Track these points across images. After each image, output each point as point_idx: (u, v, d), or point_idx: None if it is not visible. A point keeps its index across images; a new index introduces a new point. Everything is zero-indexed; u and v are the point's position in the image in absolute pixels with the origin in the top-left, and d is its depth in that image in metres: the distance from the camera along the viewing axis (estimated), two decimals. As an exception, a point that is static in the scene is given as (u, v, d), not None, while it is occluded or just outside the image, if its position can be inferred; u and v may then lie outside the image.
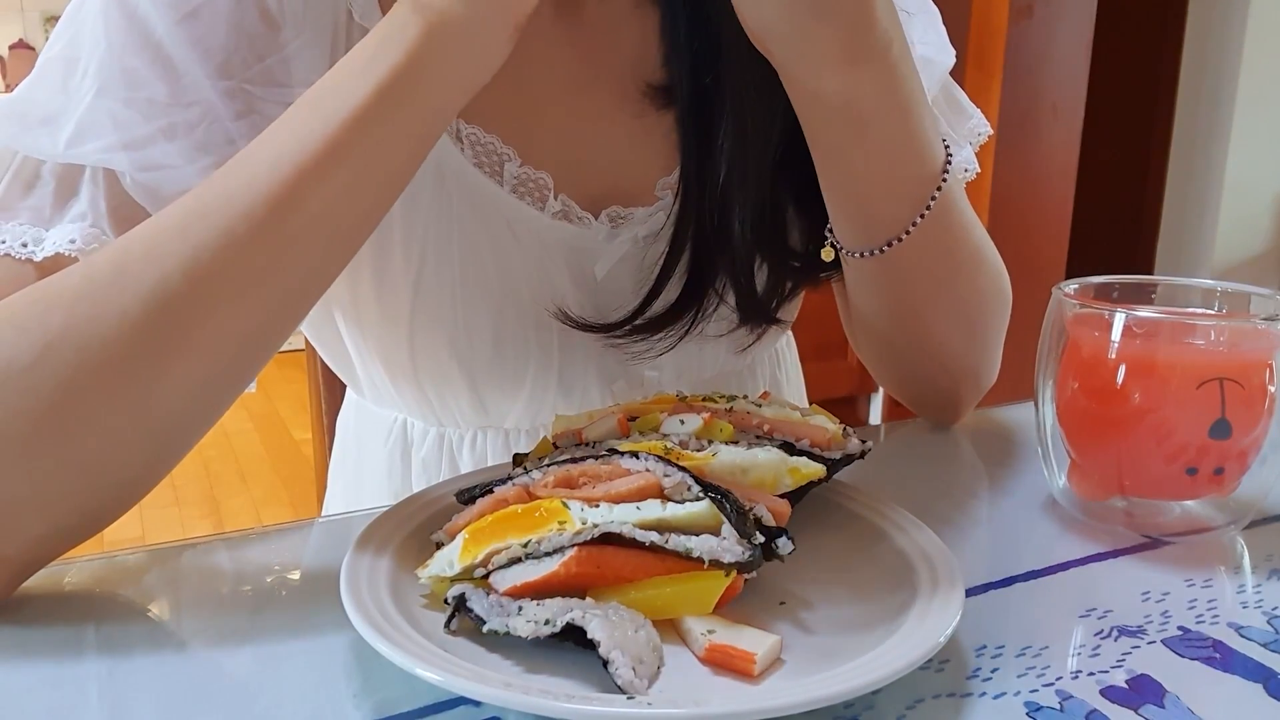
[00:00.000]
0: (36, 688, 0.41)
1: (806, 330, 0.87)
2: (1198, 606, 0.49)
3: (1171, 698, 0.41)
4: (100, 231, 0.53)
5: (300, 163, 0.46)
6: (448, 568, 0.44)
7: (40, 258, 0.52)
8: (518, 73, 0.62)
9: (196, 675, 0.42)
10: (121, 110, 0.53)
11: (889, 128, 0.55)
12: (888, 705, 0.40)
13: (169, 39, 0.53)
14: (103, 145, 0.53)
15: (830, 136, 0.56)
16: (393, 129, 0.47)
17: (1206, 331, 0.55)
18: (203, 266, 0.45)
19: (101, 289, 0.45)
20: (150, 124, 0.53)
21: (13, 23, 2.85)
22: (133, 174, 0.53)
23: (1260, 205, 2.91)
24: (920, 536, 0.49)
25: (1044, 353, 0.59)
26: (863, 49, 0.52)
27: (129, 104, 0.53)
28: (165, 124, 0.54)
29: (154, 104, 0.53)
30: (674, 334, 0.65)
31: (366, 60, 0.47)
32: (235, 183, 0.46)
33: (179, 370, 0.46)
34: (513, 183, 0.62)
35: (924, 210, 0.58)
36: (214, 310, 0.46)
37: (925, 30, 0.72)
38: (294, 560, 0.53)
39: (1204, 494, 0.56)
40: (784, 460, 0.49)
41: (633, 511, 0.43)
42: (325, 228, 0.47)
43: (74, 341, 0.44)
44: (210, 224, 0.45)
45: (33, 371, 0.44)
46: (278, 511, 2.90)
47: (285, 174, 0.45)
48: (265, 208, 0.45)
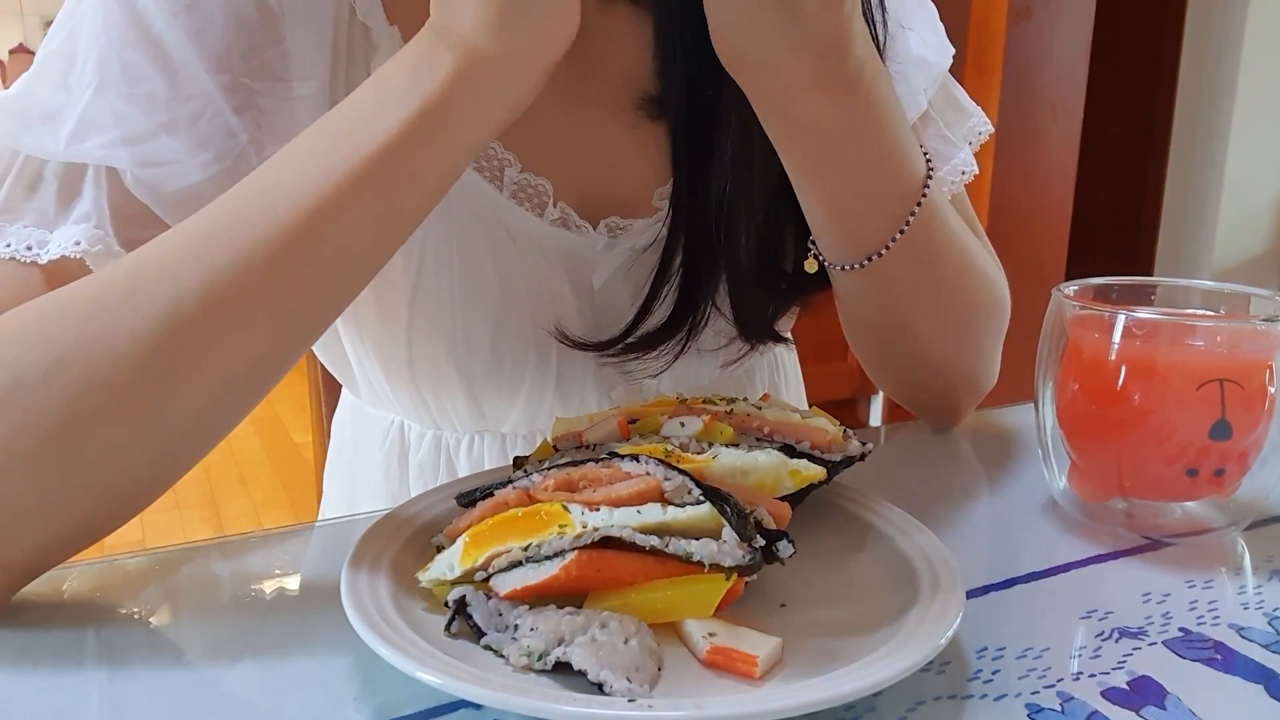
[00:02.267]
0: (37, 693, 0.41)
1: (806, 333, 0.87)
2: (1198, 608, 0.49)
3: (1173, 699, 0.41)
4: (104, 233, 0.53)
5: (322, 194, 0.45)
6: (448, 571, 0.44)
7: (45, 260, 0.52)
8: None
9: (197, 679, 0.42)
10: (122, 106, 0.53)
11: (863, 149, 0.55)
12: (889, 707, 0.40)
13: (168, 32, 0.53)
14: (104, 141, 0.52)
15: (802, 158, 0.56)
16: (418, 166, 0.47)
17: (1206, 333, 0.55)
18: (216, 291, 0.45)
19: (113, 308, 0.45)
20: (151, 119, 0.53)
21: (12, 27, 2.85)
22: (134, 170, 0.53)
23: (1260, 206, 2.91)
24: (921, 538, 0.49)
25: (1044, 354, 0.59)
26: (834, 77, 0.51)
27: (129, 99, 0.53)
28: (166, 119, 0.53)
29: (154, 99, 0.53)
30: (668, 352, 0.65)
31: (396, 94, 0.46)
32: (253, 207, 0.46)
33: (187, 391, 0.46)
34: (512, 188, 0.62)
35: (904, 225, 0.57)
36: (225, 335, 0.45)
37: (923, 30, 0.71)
38: (295, 564, 0.53)
39: (1204, 495, 0.56)
40: (784, 463, 0.48)
41: (633, 515, 0.43)
42: (342, 259, 0.47)
43: (84, 359, 0.44)
44: (226, 247, 0.45)
45: (42, 387, 0.44)
46: (278, 515, 2.90)
47: (306, 204, 0.45)
48: (284, 236, 0.45)
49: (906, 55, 0.70)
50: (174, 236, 0.47)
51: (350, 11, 0.58)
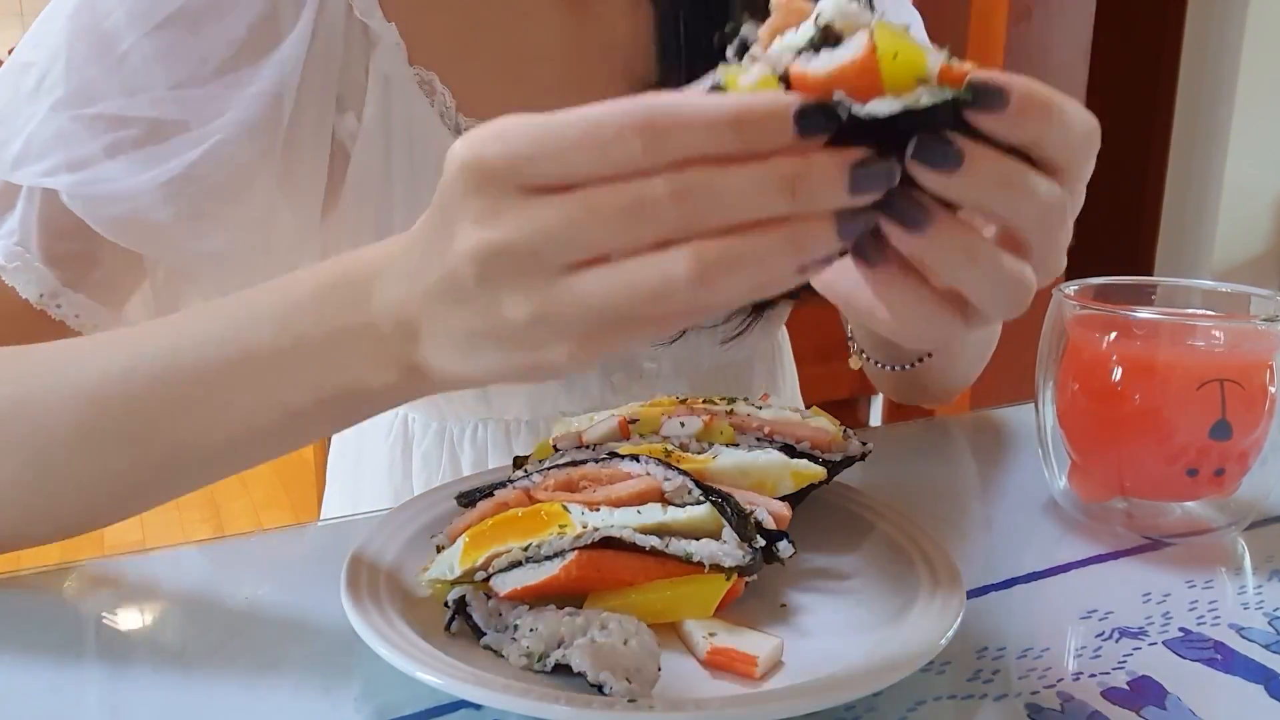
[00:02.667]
0: (36, 692, 0.41)
1: (806, 333, 0.87)
2: (1199, 608, 0.49)
3: (1173, 699, 0.41)
4: (25, 250, 0.53)
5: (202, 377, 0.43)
6: (448, 571, 0.44)
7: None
8: (516, 62, 0.62)
9: (197, 679, 0.42)
10: (69, 126, 0.52)
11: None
12: (889, 707, 0.40)
13: (134, 51, 0.52)
14: (47, 167, 0.52)
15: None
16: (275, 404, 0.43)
17: (1207, 332, 0.55)
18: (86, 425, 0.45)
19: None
20: (96, 141, 0.53)
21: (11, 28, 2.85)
22: (71, 191, 0.53)
23: (1260, 206, 2.91)
24: (921, 538, 0.49)
25: (1045, 354, 0.58)
26: None
27: (76, 120, 0.53)
28: (111, 140, 0.53)
29: (101, 120, 0.53)
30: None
31: (319, 339, 0.41)
32: (130, 383, 0.44)
33: (68, 504, 0.47)
34: None
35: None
36: (90, 466, 0.46)
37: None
38: (295, 563, 0.53)
39: (1205, 495, 0.56)
40: (785, 463, 0.49)
41: (633, 515, 0.43)
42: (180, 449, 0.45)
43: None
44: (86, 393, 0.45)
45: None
46: (278, 515, 2.89)
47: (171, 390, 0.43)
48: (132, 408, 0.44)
49: None
50: (66, 355, 0.47)
51: (347, 9, 0.58)
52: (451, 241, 0.34)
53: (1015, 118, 0.31)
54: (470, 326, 0.35)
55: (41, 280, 0.53)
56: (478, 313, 0.35)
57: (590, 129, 0.31)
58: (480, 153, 0.33)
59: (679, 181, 0.30)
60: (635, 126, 0.30)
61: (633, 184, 0.31)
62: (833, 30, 0.32)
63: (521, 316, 0.33)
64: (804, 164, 0.30)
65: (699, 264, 0.31)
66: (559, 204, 0.32)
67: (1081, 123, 0.33)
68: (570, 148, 0.31)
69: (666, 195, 0.30)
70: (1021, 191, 0.32)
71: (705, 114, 0.30)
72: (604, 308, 0.32)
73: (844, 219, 0.31)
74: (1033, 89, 0.31)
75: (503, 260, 0.33)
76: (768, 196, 0.30)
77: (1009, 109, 0.31)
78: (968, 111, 0.31)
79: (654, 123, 0.30)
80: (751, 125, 0.30)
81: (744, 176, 0.30)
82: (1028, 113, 0.31)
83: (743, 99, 0.30)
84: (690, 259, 0.31)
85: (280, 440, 0.44)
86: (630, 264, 0.32)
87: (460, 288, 0.35)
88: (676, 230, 0.31)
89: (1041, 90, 0.31)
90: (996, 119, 0.31)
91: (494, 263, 0.33)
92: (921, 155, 0.31)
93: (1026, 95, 0.31)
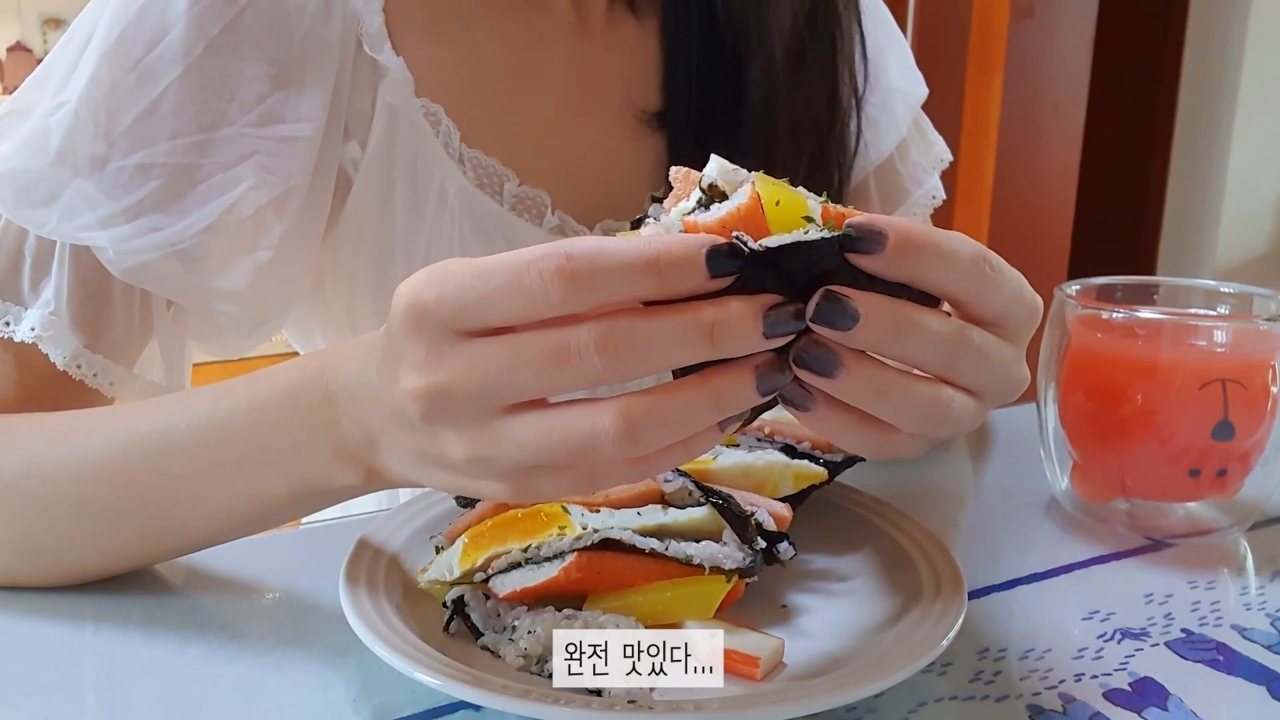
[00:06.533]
0: (36, 693, 0.41)
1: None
2: (1201, 609, 0.49)
3: (1175, 700, 0.41)
4: (58, 318, 0.53)
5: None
6: (447, 572, 0.43)
7: (20, 339, 0.53)
8: (521, 93, 0.63)
9: (195, 679, 0.42)
10: (105, 180, 0.53)
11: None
12: (890, 708, 0.40)
13: (170, 92, 0.53)
14: (81, 224, 0.53)
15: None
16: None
17: (1209, 332, 0.55)
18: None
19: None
20: (132, 194, 0.53)
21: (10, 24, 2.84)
22: (107, 246, 0.53)
23: (1262, 205, 2.91)
24: (922, 539, 0.49)
25: (1046, 354, 0.58)
26: None
27: (114, 173, 0.53)
28: (145, 191, 0.53)
29: (136, 170, 0.53)
30: None
31: (289, 435, 0.43)
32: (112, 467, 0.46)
33: (64, 562, 0.48)
34: (511, 201, 0.63)
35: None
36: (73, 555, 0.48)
37: (898, 61, 0.74)
38: (294, 564, 0.53)
39: (1207, 495, 0.56)
40: (786, 464, 0.48)
41: (633, 517, 0.43)
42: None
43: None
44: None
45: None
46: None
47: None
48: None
49: (889, 86, 0.73)
50: (58, 446, 0.48)
51: (357, 44, 0.58)
52: (397, 379, 0.36)
53: (894, 256, 0.32)
54: (418, 452, 0.38)
55: (69, 345, 0.54)
56: (422, 444, 0.37)
57: (513, 276, 0.32)
58: (420, 296, 0.35)
59: (603, 329, 0.32)
60: (552, 272, 0.32)
61: (559, 331, 0.33)
62: (717, 189, 0.35)
63: (460, 455, 0.36)
64: (721, 310, 0.32)
65: (625, 419, 0.32)
66: (494, 348, 0.34)
67: (967, 253, 0.34)
68: (497, 294, 0.33)
69: (591, 343, 0.32)
70: (913, 333, 0.34)
71: (619, 258, 0.31)
72: (538, 451, 0.34)
73: (762, 375, 0.33)
74: (909, 230, 0.33)
75: (442, 402, 0.35)
76: (689, 343, 0.32)
77: (886, 249, 0.32)
78: (850, 255, 0.33)
79: (572, 268, 0.32)
80: (667, 268, 0.31)
81: (665, 324, 0.32)
82: (906, 251, 0.33)
83: (654, 241, 0.32)
84: (616, 414, 0.33)
85: (254, 524, 0.47)
86: (563, 412, 0.34)
87: (407, 421, 0.37)
88: (602, 377, 0.32)
89: (919, 229, 0.33)
90: (875, 260, 0.33)
91: (435, 405, 0.35)
92: (820, 318, 0.32)
93: (904, 235, 0.33)
